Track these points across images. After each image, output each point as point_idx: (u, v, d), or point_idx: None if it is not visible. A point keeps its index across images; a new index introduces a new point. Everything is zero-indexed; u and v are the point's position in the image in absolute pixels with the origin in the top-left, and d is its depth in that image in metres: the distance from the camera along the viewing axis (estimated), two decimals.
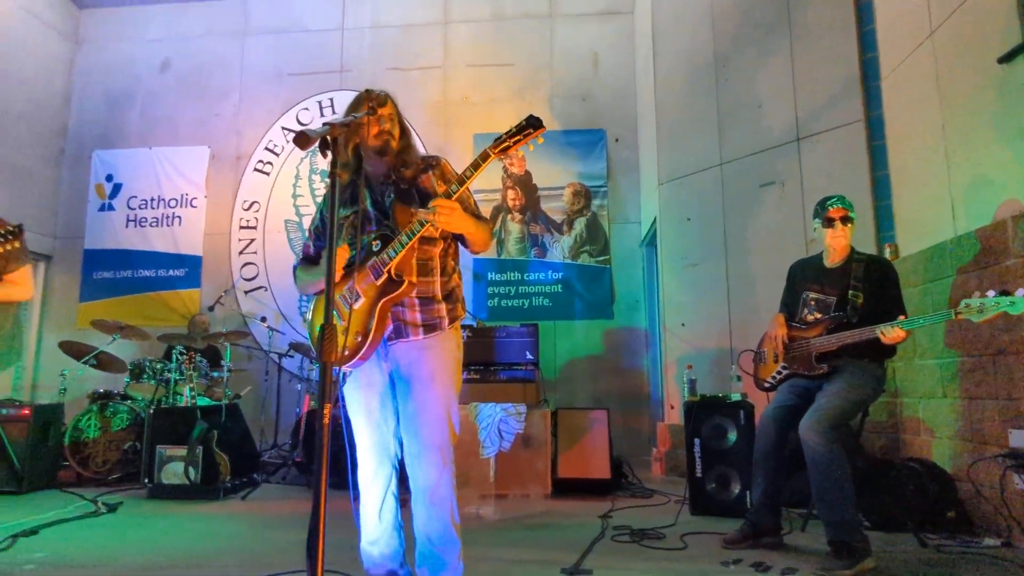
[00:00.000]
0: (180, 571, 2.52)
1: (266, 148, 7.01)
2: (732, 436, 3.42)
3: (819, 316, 2.78)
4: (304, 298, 6.60)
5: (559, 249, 6.47)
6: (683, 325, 4.96)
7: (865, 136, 3.97)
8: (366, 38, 7.07)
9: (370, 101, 1.92)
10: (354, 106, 1.96)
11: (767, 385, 2.96)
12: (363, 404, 2.02)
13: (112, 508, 3.67)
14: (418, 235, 1.87)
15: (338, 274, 1.94)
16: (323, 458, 1.31)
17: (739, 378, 3.59)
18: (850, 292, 2.70)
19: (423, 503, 1.91)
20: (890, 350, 2.61)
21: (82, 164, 7.16)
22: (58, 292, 6.97)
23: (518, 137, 1.87)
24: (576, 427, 4.10)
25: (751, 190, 4.62)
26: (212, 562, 2.64)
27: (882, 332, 2.47)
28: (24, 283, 2.87)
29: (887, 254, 3.72)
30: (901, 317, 2.51)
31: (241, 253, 6.83)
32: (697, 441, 3.47)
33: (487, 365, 4.50)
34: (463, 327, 4.57)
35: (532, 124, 1.88)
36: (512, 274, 6.46)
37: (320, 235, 2.17)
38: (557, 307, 6.35)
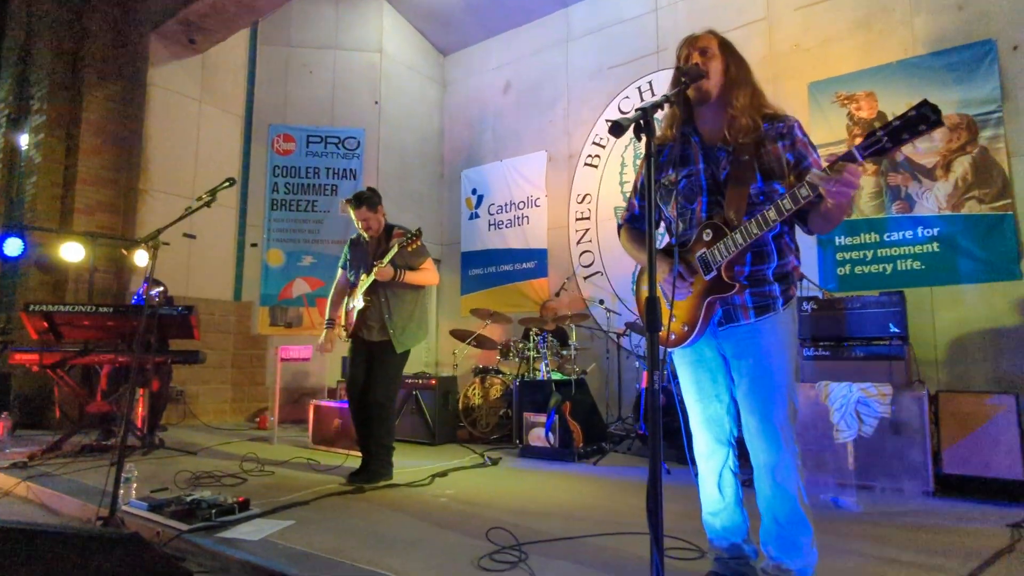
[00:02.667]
0: (548, 518, 2.90)
1: (593, 143, 7.49)
2: None
3: None
4: (634, 275, 6.86)
5: (931, 199, 5.31)
6: None
7: None
8: (680, 11, 6.93)
9: (687, 46, 1.96)
10: (676, 56, 2.00)
11: None
12: (693, 380, 2.01)
13: (494, 462, 4.44)
14: (754, 238, 1.74)
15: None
16: (657, 424, 1.37)
17: None
18: None
19: (767, 481, 1.83)
20: None
21: (455, 183, 8.79)
22: (446, 288, 8.69)
23: (903, 135, 1.43)
24: (968, 414, 3.33)
25: None
26: (573, 514, 2.98)
27: None
28: (432, 271, 3.83)
29: None
30: None
31: (578, 243, 7.45)
32: None
33: (839, 340, 4.00)
34: (808, 299, 4.16)
35: (924, 118, 1.40)
36: (867, 236, 5.56)
37: (645, 195, 2.16)
38: (933, 270, 5.23)
